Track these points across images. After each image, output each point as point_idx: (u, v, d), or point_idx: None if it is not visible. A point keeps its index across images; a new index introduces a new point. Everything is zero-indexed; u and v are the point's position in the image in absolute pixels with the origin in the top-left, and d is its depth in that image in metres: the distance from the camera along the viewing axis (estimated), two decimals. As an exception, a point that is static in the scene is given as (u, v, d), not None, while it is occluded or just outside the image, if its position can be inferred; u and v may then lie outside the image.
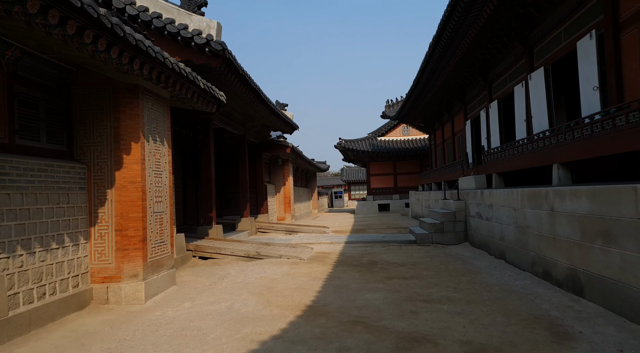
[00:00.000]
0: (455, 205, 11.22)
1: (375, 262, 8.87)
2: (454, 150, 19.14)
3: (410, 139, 31.42)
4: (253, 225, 15.22)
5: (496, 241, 8.64)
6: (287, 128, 17.34)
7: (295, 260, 9.20)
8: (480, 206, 9.74)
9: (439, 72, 14.59)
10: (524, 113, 10.36)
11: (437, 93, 17.41)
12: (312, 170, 32.94)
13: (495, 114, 12.52)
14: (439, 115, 21.47)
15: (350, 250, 10.78)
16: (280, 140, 18.31)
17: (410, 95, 18.89)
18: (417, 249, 10.51)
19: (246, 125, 15.08)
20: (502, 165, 9.99)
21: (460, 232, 11.15)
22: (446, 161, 20.94)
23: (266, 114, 14.02)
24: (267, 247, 10.45)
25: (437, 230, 11.28)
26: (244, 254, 9.49)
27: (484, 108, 13.90)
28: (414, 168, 30.84)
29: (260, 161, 17.66)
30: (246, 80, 10.33)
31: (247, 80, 10.37)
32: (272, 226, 15.73)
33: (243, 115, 14.73)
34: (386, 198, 30.98)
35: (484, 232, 9.56)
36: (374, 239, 12.11)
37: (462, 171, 13.38)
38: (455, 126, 18.93)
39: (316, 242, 12.23)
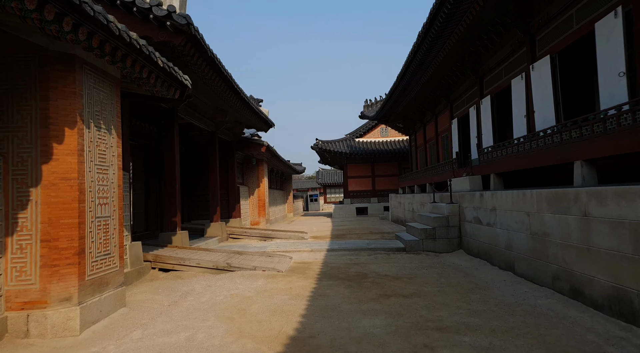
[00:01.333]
0: (449, 209, 10.24)
1: (365, 274, 7.71)
2: (437, 151, 18.34)
3: (389, 141, 30.66)
4: (224, 231, 13.81)
5: (501, 250, 7.66)
6: (261, 125, 16.03)
7: (272, 273, 7.93)
8: (480, 210, 8.77)
9: (425, 66, 13.69)
10: (523, 108, 9.50)
11: (422, 90, 16.56)
12: (288, 172, 31.65)
13: (488, 111, 11.68)
14: (421, 115, 20.68)
15: (333, 259, 9.59)
16: (254, 138, 16.98)
17: (392, 93, 17.97)
18: (408, 258, 9.44)
19: (217, 120, 13.69)
20: (501, 165, 9.07)
21: (454, 238, 10.17)
22: (428, 163, 20.15)
23: (239, 107, 12.69)
24: (239, 257, 9.12)
25: (429, 237, 10.26)
26: (212, 265, 8.14)
27: (473, 105, 13.07)
28: (392, 170, 30.05)
29: (233, 161, 16.26)
30: (215, 64, 9.01)
31: (216, 64, 9.05)
32: (245, 232, 14.36)
33: (213, 109, 13.34)
34: (364, 202, 30.05)
35: (483, 239, 8.59)
36: (359, 246, 10.98)
37: (452, 172, 12.47)
38: (439, 126, 18.14)
39: (294, 249, 10.99)
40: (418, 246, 10.32)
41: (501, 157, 9.11)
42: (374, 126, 31.25)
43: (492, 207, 8.09)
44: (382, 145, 30.17)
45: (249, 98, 12.94)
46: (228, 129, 15.68)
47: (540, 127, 8.57)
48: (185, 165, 16.66)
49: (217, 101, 12.50)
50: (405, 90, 17.05)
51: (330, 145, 29.90)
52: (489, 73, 11.74)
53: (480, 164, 10.46)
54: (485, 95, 12.09)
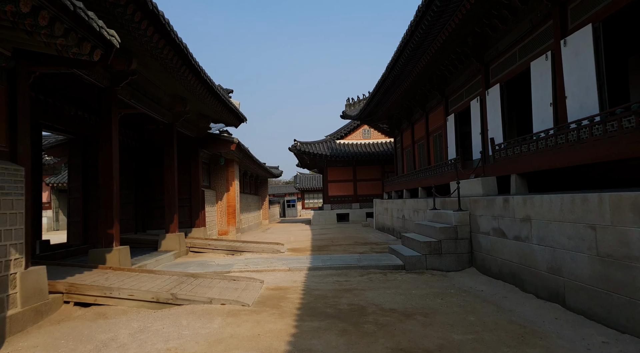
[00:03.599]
0: (457, 217, 8.35)
1: (362, 307, 5.68)
2: (428, 152, 16.58)
3: (372, 143, 28.91)
4: (182, 244, 11.52)
5: (540, 273, 5.78)
6: (231, 119, 13.85)
7: (235, 308, 5.79)
8: (503, 220, 6.89)
9: (420, 54, 11.88)
10: (549, 94, 7.74)
11: (413, 84, 14.77)
12: (263, 175, 29.42)
13: (497, 102, 9.93)
14: (409, 113, 18.94)
15: (317, 282, 7.52)
16: (223, 135, 14.77)
17: (380, 87, 16.14)
18: (411, 280, 7.47)
19: (175, 110, 11.45)
20: (528, 163, 7.24)
21: (464, 253, 8.28)
22: (417, 165, 18.38)
23: (201, 94, 10.51)
24: (193, 282, 6.93)
25: (433, 252, 8.34)
26: (150, 297, 5.93)
27: (476, 97, 11.32)
28: (375, 174, 28.28)
29: (197, 160, 13.99)
30: (166, 30, 6.86)
31: (167, 31, 6.90)
32: (210, 244, 12.11)
33: (171, 96, 11.09)
34: (345, 208, 28.12)
35: (509, 257, 6.70)
36: (347, 263, 8.95)
37: (454, 173, 10.63)
38: (430, 124, 16.39)
39: (267, 268, 8.85)
40: (420, 263, 8.38)
41: (527, 153, 7.28)
42: (356, 127, 29.48)
43: (524, 216, 6.21)
44: (365, 148, 28.39)
45: (214, 84, 10.78)
46: (191, 123, 13.43)
47: (575, 116, 6.80)
48: (140, 165, 14.28)
49: (174, 86, 10.28)
50: (394, 84, 15.24)
51: (309, 146, 27.90)
52: (498, 58, 10.00)
53: (495, 162, 8.64)
54: (492, 84, 10.35)
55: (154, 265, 9.14)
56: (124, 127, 13.27)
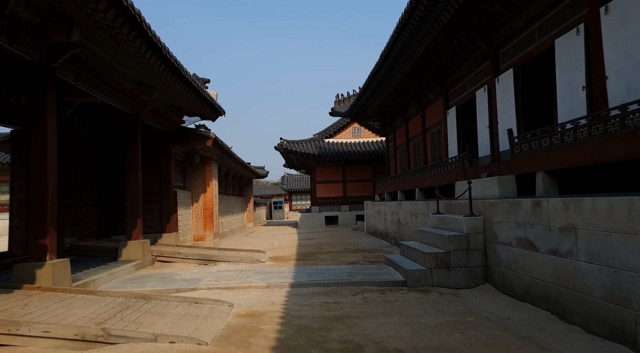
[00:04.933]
0: (469, 224, 6.99)
1: (359, 347, 4.24)
2: (424, 150, 15.27)
3: (362, 142, 27.57)
4: (147, 252, 9.96)
5: (593, 301, 4.41)
6: (207, 111, 12.33)
7: (187, 348, 4.30)
8: (532, 228, 5.53)
9: (419, 38, 10.54)
10: (581, 77, 6.43)
11: (409, 75, 13.43)
12: (247, 175, 27.85)
13: (509, 90, 8.63)
14: (403, 109, 17.62)
15: (301, 305, 6.07)
16: (199, 130, 13.22)
17: (372, 79, 14.78)
18: (416, 302, 6.06)
19: (139, 99, 9.89)
20: (563, 158, 5.90)
21: (477, 267, 6.91)
22: (412, 165, 17.06)
23: (168, 79, 8.98)
24: (142, 308, 5.42)
25: (440, 265, 6.95)
26: (73, 334, 4.40)
27: (483, 86, 10.02)
28: (366, 175, 26.94)
29: (169, 157, 12.43)
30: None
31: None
32: (179, 252, 10.56)
33: (133, 82, 9.54)
34: (334, 210, 26.71)
35: (541, 275, 5.34)
36: (337, 277, 7.51)
37: (461, 172, 9.29)
38: (427, 119, 15.09)
39: (242, 284, 7.36)
40: (425, 279, 6.98)
41: (561, 146, 5.93)
42: (346, 125, 28.12)
43: (565, 224, 4.85)
44: (355, 147, 27.04)
45: (184, 68, 9.27)
46: (161, 115, 11.87)
47: (621, 100, 5.49)
48: (106, 162, 12.66)
49: (135, 69, 8.75)
50: (388, 74, 13.87)
51: (296, 145, 26.44)
52: (510, 40, 8.70)
53: (515, 158, 7.29)
54: (503, 70, 9.04)
55: (105, 280, 7.58)
56: (84, 119, 11.65)
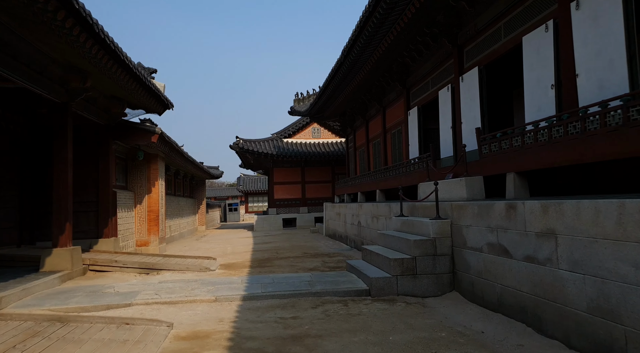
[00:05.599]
0: (436, 227, 6.53)
1: (319, 378, 3.57)
2: (385, 151, 14.94)
3: (322, 142, 27.06)
4: (77, 261, 8.76)
5: (576, 313, 4.01)
6: (152, 103, 11.21)
7: (105, 388, 3.43)
8: (506, 233, 5.13)
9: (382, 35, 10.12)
10: (550, 75, 6.18)
11: (371, 73, 13.04)
12: (200, 175, 26.48)
13: (474, 89, 8.35)
14: (363, 109, 17.25)
15: (253, 322, 5.31)
16: (143, 124, 12.04)
17: (332, 78, 14.26)
18: (381, 314, 5.49)
19: (70, 86, 8.69)
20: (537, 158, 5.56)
21: (444, 274, 6.47)
22: (371, 166, 16.72)
23: (107, 66, 7.90)
24: (53, 335, 4.44)
25: (406, 272, 6.45)
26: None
27: (447, 85, 9.74)
28: (325, 176, 26.44)
29: (108, 153, 11.18)
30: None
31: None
32: (117, 260, 9.41)
33: (63, 66, 8.34)
34: (292, 212, 25.97)
35: (515, 284, 4.93)
36: (295, 288, 6.81)
37: (425, 173, 8.90)
38: (387, 120, 14.77)
39: (186, 298, 6.48)
40: (390, 287, 6.44)
41: (534, 146, 5.59)
42: (305, 125, 27.49)
43: (543, 228, 4.45)
44: (314, 147, 26.47)
45: (125, 54, 8.22)
46: (99, 106, 10.62)
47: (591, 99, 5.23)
48: (31, 159, 11.20)
49: (65, 52, 7.60)
50: (349, 73, 13.40)
51: (253, 145, 25.45)
52: (476, 37, 8.43)
53: (483, 158, 6.94)
54: (468, 68, 8.77)
55: (18, 297, 6.40)
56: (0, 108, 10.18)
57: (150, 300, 6.39)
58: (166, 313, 5.86)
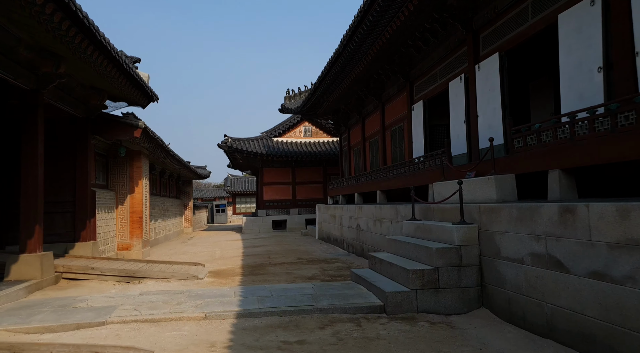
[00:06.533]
0: (461, 233, 5.71)
1: None
2: (383, 149, 14.14)
3: (313, 142, 26.17)
4: (48, 268, 7.69)
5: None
6: (135, 94, 10.18)
7: None
8: (559, 242, 4.30)
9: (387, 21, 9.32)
10: (597, 55, 5.41)
11: (370, 65, 12.23)
12: (187, 175, 25.33)
13: (495, 77, 7.60)
14: (359, 106, 16.44)
15: (252, 350, 4.39)
16: (126, 117, 10.99)
17: (329, 70, 13.39)
18: (404, 338, 4.63)
19: (42, 71, 7.64)
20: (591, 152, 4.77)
21: (470, 288, 5.64)
22: (367, 166, 15.91)
23: (83, 49, 6.88)
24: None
25: (427, 285, 5.60)
26: None
27: (459, 75, 8.96)
28: (316, 176, 25.56)
29: (86, 149, 10.11)
30: None
31: None
32: (94, 267, 8.36)
33: (34, 49, 7.29)
34: (282, 213, 25.01)
35: (577, 306, 4.10)
36: (297, 302, 5.91)
37: (440, 171, 8.08)
38: (387, 116, 13.98)
39: (170, 315, 5.51)
40: (408, 303, 5.59)
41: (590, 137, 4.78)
42: (296, 124, 26.57)
43: (621, 238, 3.64)
44: (305, 147, 25.56)
45: (104, 37, 7.21)
46: (76, 97, 9.55)
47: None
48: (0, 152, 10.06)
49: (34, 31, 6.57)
50: (347, 65, 12.55)
51: (242, 143, 24.42)
52: (495, 21, 7.67)
53: (514, 154, 6.13)
54: (485, 55, 8.00)
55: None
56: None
57: (128, 318, 5.41)
58: (147, 335, 4.92)
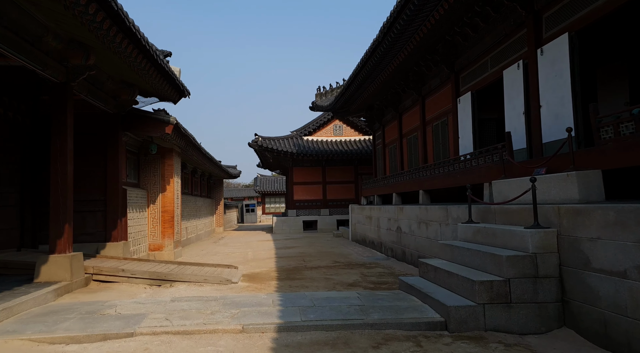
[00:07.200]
0: (537, 239, 4.89)
1: None
2: (423, 147, 13.30)
3: (344, 140, 25.46)
4: (77, 270, 7.35)
5: None
6: (167, 89, 9.81)
7: None
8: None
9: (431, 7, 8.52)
10: None
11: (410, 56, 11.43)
12: (218, 174, 25.17)
13: (563, 61, 6.69)
14: (396, 101, 15.61)
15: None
16: (158, 113, 10.65)
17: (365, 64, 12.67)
18: (479, 364, 3.89)
19: (71, 63, 7.32)
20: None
21: (549, 303, 4.81)
22: (405, 165, 15.08)
23: (113, 38, 6.48)
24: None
25: (497, 299, 4.82)
26: None
27: (516, 62, 8.06)
28: (348, 176, 24.84)
29: (117, 146, 9.82)
30: None
31: None
32: (124, 269, 7.99)
33: (62, 39, 6.96)
34: (313, 214, 24.44)
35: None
36: (344, 315, 5.25)
37: (498, 168, 7.23)
38: (428, 111, 13.13)
39: (204, 327, 4.97)
40: (474, 319, 4.82)
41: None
42: (326, 122, 25.95)
43: None
44: (336, 145, 24.89)
45: (134, 25, 6.81)
46: (107, 91, 9.26)
47: None
48: (31, 151, 9.91)
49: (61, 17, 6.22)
50: (385, 56, 11.77)
51: (272, 142, 24.01)
52: (564, -2, 6.75)
53: (603, 146, 5.24)
54: (550, 37, 7.09)
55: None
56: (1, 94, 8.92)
57: (158, 329, 4.90)
58: (178, 350, 4.38)
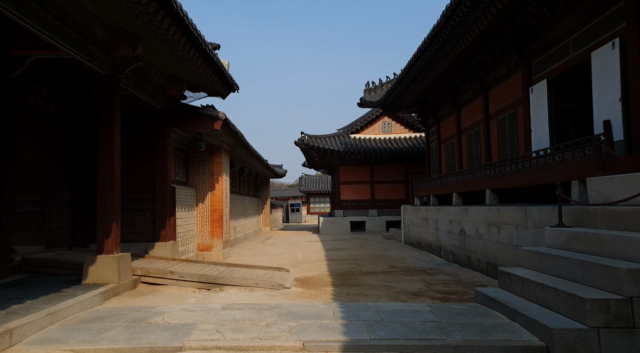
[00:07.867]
0: (669, 249, 3.86)
1: None
2: (487, 142, 12.16)
3: (393, 138, 24.45)
4: (125, 271, 7.07)
5: None
6: (216, 83, 9.44)
7: None
8: None
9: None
10: None
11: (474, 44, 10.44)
12: (264, 173, 25.00)
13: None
14: (454, 93, 14.50)
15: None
16: (206, 109, 10.35)
17: (422, 53, 11.75)
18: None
19: (118, 53, 7.06)
20: None
21: (688, 329, 3.78)
22: (464, 163, 13.95)
23: (162, 27, 6.11)
24: None
25: (615, 322, 3.86)
26: None
27: (609, 41, 6.89)
28: (397, 175, 23.81)
29: (165, 142, 9.59)
30: None
31: None
32: (173, 271, 7.64)
33: (109, 28, 6.70)
34: (360, 214, 23.64)
35: None
36: (420, 334, 4.48)
37: (594, 163, 6.13)
38: (491, 103, 11.99)
39: (260, 342, 4.37)
40: (586, 347, 3.88)
41: None
42: (374, 120, 25.06)
43: None
44: (385, 143, 23.92)
45: (183, 11, 6.41)
46: (155, 86, 9.02)
47: None
48: (81, 147, 9.90)
49: (109, 4, 5.92)
50: (445, 44, 10.82)
51: (319, 141, 23.48)
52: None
53: None
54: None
55: (39, 325, 4.68)
56: (54, 90, 8.93)
57: (209, 343, 4.37)
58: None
